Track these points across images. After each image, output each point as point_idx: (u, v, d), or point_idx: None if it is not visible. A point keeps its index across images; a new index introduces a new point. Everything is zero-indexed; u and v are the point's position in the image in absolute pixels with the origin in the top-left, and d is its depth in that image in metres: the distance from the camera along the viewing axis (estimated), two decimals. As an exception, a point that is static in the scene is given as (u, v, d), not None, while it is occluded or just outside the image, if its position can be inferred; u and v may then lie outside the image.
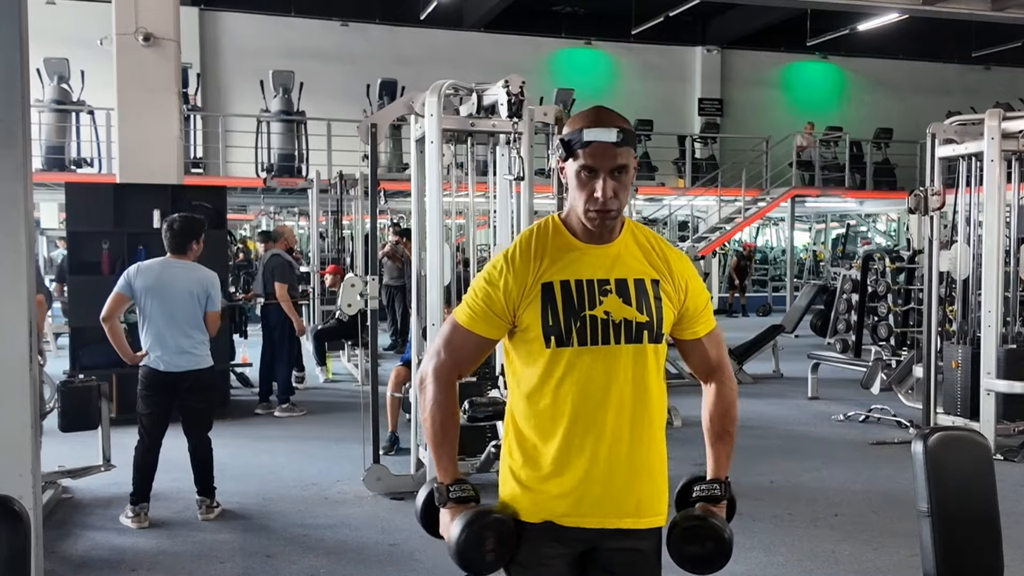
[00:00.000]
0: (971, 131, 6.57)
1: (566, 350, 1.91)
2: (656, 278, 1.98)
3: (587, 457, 1.93)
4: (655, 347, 1.97)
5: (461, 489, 1.98)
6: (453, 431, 2.00)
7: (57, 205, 16.22)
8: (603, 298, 1.92)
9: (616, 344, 1.92)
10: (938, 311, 6.63)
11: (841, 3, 15.26)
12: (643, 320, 1.93)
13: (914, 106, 21.21)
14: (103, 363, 7.02)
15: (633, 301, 1.94)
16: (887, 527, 4.80)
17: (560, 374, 1.92)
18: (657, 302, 1.96)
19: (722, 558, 2.01)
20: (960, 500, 2.23)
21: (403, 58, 18.60)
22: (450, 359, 2.00)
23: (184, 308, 4.77)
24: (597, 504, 1.94)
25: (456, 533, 1.92)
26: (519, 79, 4.95)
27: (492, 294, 1.95)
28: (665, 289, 1.98)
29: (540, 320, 1.91)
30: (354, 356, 10.08)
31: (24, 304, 2.91)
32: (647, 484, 1.99)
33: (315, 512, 5.06)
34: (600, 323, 1.91)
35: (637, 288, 1.95)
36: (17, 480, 2.90)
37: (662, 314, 1.96)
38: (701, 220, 19.66)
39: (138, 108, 7.82)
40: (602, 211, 1.90)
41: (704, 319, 2.08)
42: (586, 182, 1.90)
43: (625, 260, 1.97)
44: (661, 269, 2.00)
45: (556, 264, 1.94)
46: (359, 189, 11.04)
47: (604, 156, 1.88)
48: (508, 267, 1.95)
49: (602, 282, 1.93)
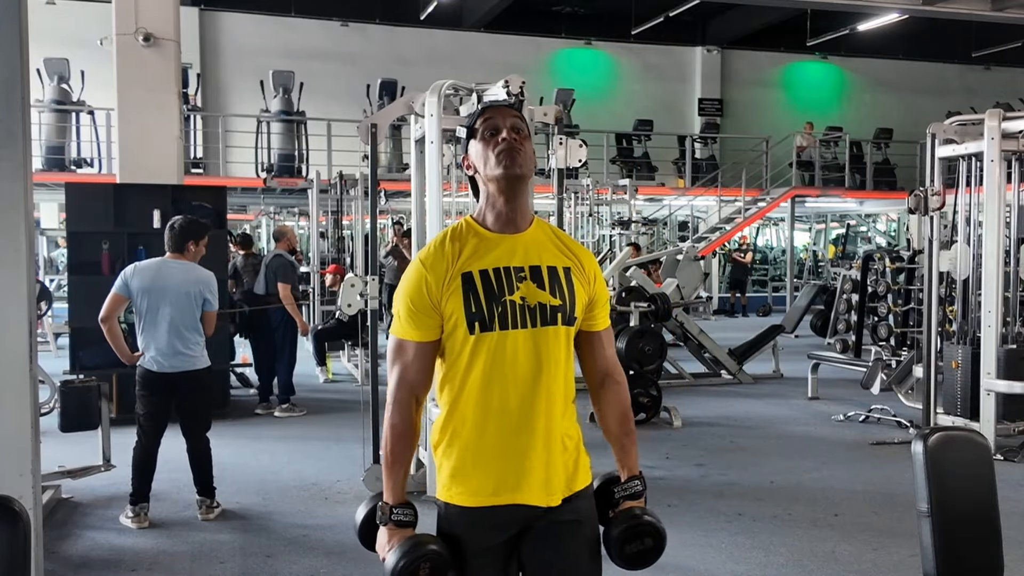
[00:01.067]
0: (971, 131, 6.57)
1: (487, 335, 1.99)
2: (568, 266, 2.09)
3: (508, 438, 2.00)
4: (567, 329, 2.07)
5: (403, 513, 2.05)
6: (404, 453, 2.08)
7: (57, 205, 16.23)
8: (519, 284, 2.02)
9: (533, 327, 2.01)
10: (938, 311, 6.63)
11: (841, 3, 15.26)
12: (556, 303, 2.04)
13: (914, 106, 21.22)
14: (103, 363, 7.03)
15: (547, 286, 2.04)
16: (887, 527, 4.80)
17: (483, 359, 1.99)
18: (570, 287, 2.06)
19: (659, 552, 2.13)
20: (960, 500, 2.23)
21: (403, 58, 18.61)
22: (399, 378, 2.06)
23: (180, 308, 4.77)
24: (519, 483, 2.00)
25: (393, 560, 1.99)
26: (519, 79, 4.95)
27: (414, 296, 2.02)
28: (577, 276, 2.09)
29: (463, 307, 1.99)
30: (354, 356, 10.08)
31: (24, 304, 2.91)
32: (569, 460, 2.07)
33: (315, 512, 5.06)
34: (518, 307, 2.01)
35: (550, 274, 2.05)
36: (17, 480, 2.90)
37: (575, 298, 2.07)
38: (701, 220, 19.66)
39: (138, 108, 7.82)
40: (509, 149, 2.01)
41: (604, 313, 2.18)
42: (490, 139, 2.04)
43: (537, 249, 2.08)
44: (572, 259, 2.11)
45: (474, 255, 2.03)
46: (359, 189, 11.04)
47: (500, 113, 2.06)
48: (423, 267, 2.03)
49: (518, 269, 2.03)
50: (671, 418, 7.34)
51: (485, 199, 2.09)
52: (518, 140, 2.03)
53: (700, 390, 9.11)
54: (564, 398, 2.07)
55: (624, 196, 14.44)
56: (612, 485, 2.17)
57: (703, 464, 6.17)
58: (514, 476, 2.00)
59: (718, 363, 9.63)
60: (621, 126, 18.38)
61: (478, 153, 2.06)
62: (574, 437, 2.10)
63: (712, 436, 7.02)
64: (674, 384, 9.16)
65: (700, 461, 6.23)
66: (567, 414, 2.09)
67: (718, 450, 6.58)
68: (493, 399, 2.00)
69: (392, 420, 2.06)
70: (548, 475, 2.02)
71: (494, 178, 2.03)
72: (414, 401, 2.06)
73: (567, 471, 2.06)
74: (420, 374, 2.05)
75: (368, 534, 2.13)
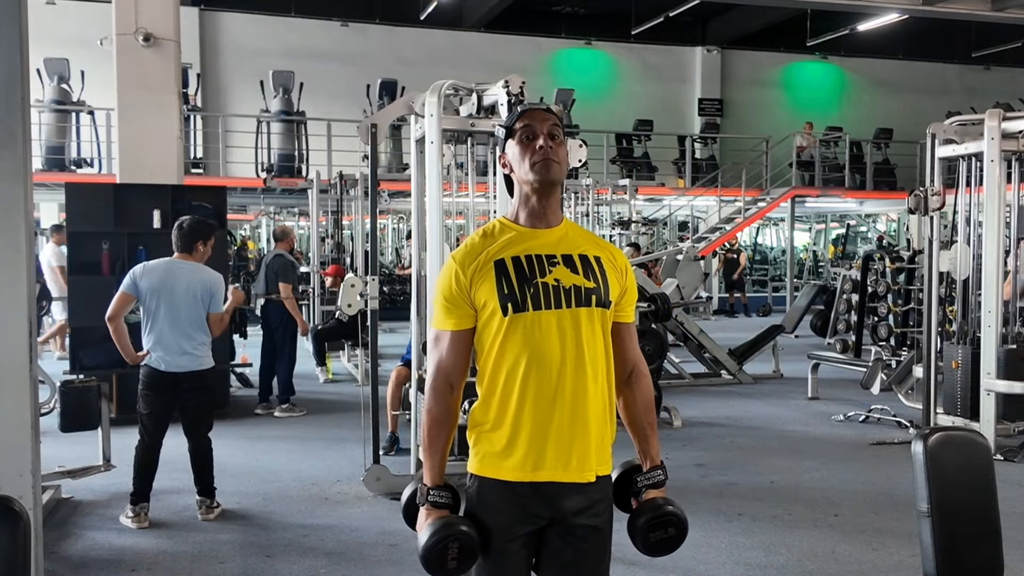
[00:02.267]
0: (971, 131, 6.57)
1: (521, 316, 2.07)
2: (599, 256, 2.17)
3: (546, 416, 2.07)
4: (603, 312, 2.12)
5: (439, 495, 2.14)
6: (440, 438, 2.16)
7: (57, 205, 16.22)
8: (552, 268, 2.10)
9: (568, 308, 2.08)
10: (938, 311, 6.63)
11: (841, 3, 15.25)
12: (591, 286, 2.10)
13: (914, 106, 21.21)
14: (103, 363, 7.03)
15: (580, 271, 2.11)
16: (887, 527, 4.80)
17: (518, 340, 2.07)
18: (603, 272, 2.14)
19: (681, 539, 2.19)
20: (960, 500, 2.23)
21: (403, 58, 18.60)
22: (435, 367, 2.16)
23: (188, 309, 4.78)
24: (549, 459, 2.07)
25: (424, 538, 2.09)
26: (519, 79, 4.96)
27: (446, 289, 2.13)
28: (609, 265, 2.17)
29: (496, 291, 2.07)
30: (354, 356, 10.08)
31: (24, 304, 2.91)
32: (595, 437, 2.12)
33: (315, 512, 5.06)
34: (552, 289, 2.08)
35: (583, 261, 2.13)
36: (17, 480, 2.90)
37: (608, 282, 2.13)
38: (701, 220, 19.66)
39: (138, 108, 7.82)
40: (544, 160, 2.09)
41: (633, 308, 2.25)
42: (527, 143, 2.12)
43: (569, 241, 2.16)
44: (605, 251, 2.21)
45: (507, 246, 2.13)
46: (359, 189, 11.03)
47: (537, 117, 2.14)
48: (455, 262, 2.14)
49: (550, 256, 2.12)
50: (671, 418, 7.34)
51: (519, 197, 2.18)
52: (554, 148, 2.11)
53: (700, 390, 9.11)
54: (602, 378, 2.13)
55: (624, 196, 14.43)
56: (634, 473, 2.24)
57: (703, 464, 6.17)
58: (553, 453, 2.07)
59: (718, 363, 9.63)
60: (621, 126, 18.37)
61: (515, 155, 2.14)
62: (608, 419, 2.16)
63: (712, 436, 7.02)
64: (674, 384, 9.16)
65: (700, 461, 6.23)
66: (605, 394, 2.14)
67: (718, 450, 6.58)
68: (530, 378, 2.06)
69: (428, 406, 2.16)
70: (584, 452, 2.09)
71: (529, 182, 2.12)
72: (449, 388, 2.15)
73: (600, 450, 2.13)
74: (454, 361, 2.14)
75: (410, 514, 2.23)
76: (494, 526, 2.08)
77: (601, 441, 2.13)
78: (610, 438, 2.16)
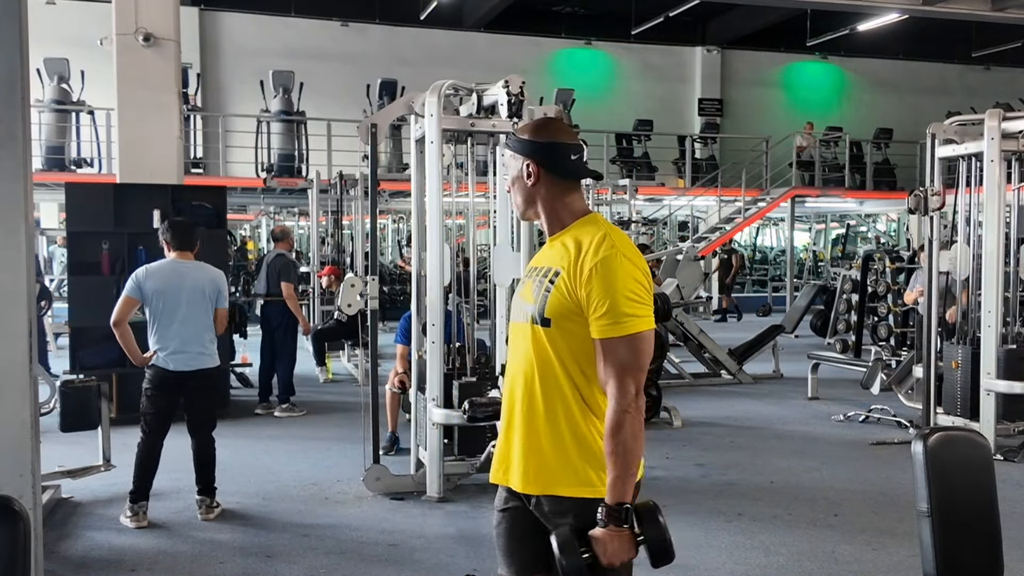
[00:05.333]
0: (971, 131, 6.57)
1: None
2: (558, 268, 2.14)
3: (504, 420, 2.25)
4: (541, 329, 2.13)
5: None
6: None
7: (57, 205, 16.22)
8: (528, 281, 2.24)
9: (519, 322, 2.23)
10: (938, 311, 6.63)
11: (841, 3, 15.25)
12: (530, 303, 2.18)
13: (914, 106, 21.20)
14: (103, 363, 7.04)
15: (534, 286, 2.19)
16: (887, 527, 4.80)
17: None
18: (546, 290, 2.14)
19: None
20: (960, 500, 2.23)
21: (403, 58, 18.60)
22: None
23: (195, 308, 4.80)
24: (499, 462, 2.25)
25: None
26: (519, 79, 4.96)
27: None
28: (563, 278, 2.11)
29: None
30: (354, 356, 10.08)
31: (24, 304, 2.91)
32: (532, 454, 2.15)
33: (315, 512, 5.06)
34: (519, 303, 2.25)
35: (543, 275, 2.18)
36: (17, 480, 2.90)
37: (546, 300, 2.13)
38: (701, 220, 19.65)
39: (138, 108, 7.82)
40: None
41: (603, 323, 2.04)
42: None
43: (551, 251, 2.21)
44: (571, 260, 2.11)
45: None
46: (359, 189, 11.03)
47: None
48: None
49: (533, 269, 2.25)
50: (671, 418, 7.34)
51: None
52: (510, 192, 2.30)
53: (700, 390, 9.11)
54: (544, 398, 2.14)
55: (624, 196, 14.44)
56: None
57: (703, 464, 6.17)
58: (498, 457, 2.25)
59: (718, 363, 9.63)
60: (621, 126, 18.36)
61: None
62: (569, 439, 2.10)
63: (712, 436, 7.02)
64: (674, 384, 9.16)
65: (700, 461, 6.23)
66: (558, 412, 2.12)
67: (718, 450, 6.58)
68: (505, 382, 2.30)
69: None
70: (523, 464, 2.15)
71: None
72: None
73: (547, 467, 2.13)
74: None
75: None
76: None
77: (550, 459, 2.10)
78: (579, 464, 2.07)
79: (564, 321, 2.10)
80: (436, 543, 4.48)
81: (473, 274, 6.30)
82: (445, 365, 5.12)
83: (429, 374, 5.09)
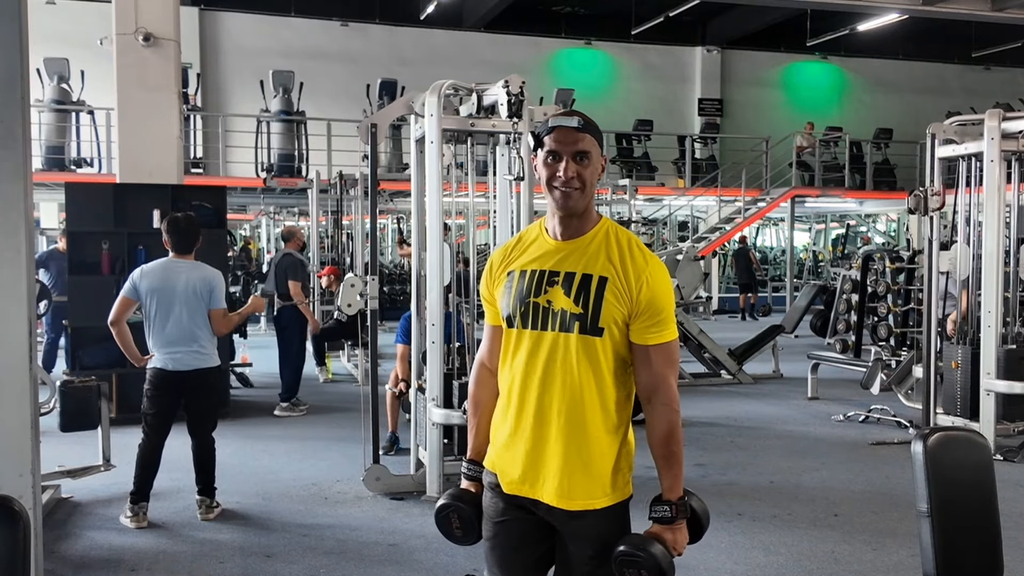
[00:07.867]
0: (971, 131, 6.57)
1: (512, 331, 2.18)
2: (605, 275, 2.09)
3: (521, 432, 2.16)
4: (589, 338, 2.09)
5: (468, 468, 2.34)
6: (474, 416, 2.35)
7: (57, 205, 16.22)
8: (549, 288, 2.13)
9: (549, 331, 2.12)
10: (938, 311, 6.63)
11: (841, 3, 15.26)
12: (577, 312, 2.09)
13: (914, 106, 21.22)
14: (103, 363, 7.03)
15: (572, 293, 2.10)
16: (887, 527, 4.80)
17: (511, 352, 2.18)
18: (598, 297, 2.08)
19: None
20: (960, 500, 2.23)
21: (403, 58, 18.61)
22: (478, 353, 2.37)
23: (190, 307, 4.78)
24: (523, 476, 2.16)
25: (436, 507, 2.32)
26: (519, 79, 4.96)
27: (481, 287, 2.31)
28: (613, 287, 2.08)
29: (501, 302, 2.21)
30: (354, 356, 10.08)
31: (24, 304, 2.91)
32: (577, 470, 2.11)
33: (315, 512, 5.06)
34: (541, 310, 2.13)
35: (581, 282, 2.10)
36: (17, 480, 2.90)
37: (600, 308, 2.08)
38: (701, 220, 19.65)
39: (138, 108, 7.82)
40: (563, 189, 2.09)
41: (656, 328, 2.11)
42: (552, 165, 2.11)
43: (583, 255, 2.13)
44: (616, 267, 2.10)
45: (525, 256, 2.20)
46: (359, 189, 11.03)
47: (566, 140, 2.09)
48: (489, 261, 2.31)
49: (553, 274, 2.13)
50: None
51: (549, 206, 2.19)
52: (578, 174, 2.08)
53: (700, 390, 9.11)
54: (586, 405, 2.10)
55: (624, 196, 14.43)
56: (654, 504, 2.16)
57: (703, 464, 6.16)
58: (519, 470, 2.16)
59: (718, 363, 9.63)
60: (621, 126, 18.37)
61: (540, 171, 2.14)
62: (604, 452, 2.12)
63: (712, 436, 7.02)
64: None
65: (700, 461, 6.23)
66: (585, 426, 2.10)
67: (718, 450, 6.58)
68: (513, 391, 2.17)
69: (469, 389, 2.39)
70: (561, 479, 2.11)
71: (549, 193, 2.13)
72: (486, 372, 2.32)
73: (591, 481, 2.11)
74: (487, 351, 2.32)
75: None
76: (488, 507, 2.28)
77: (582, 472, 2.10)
78: (599, 472, 2.11)
79: (612, 329, 2.09)
80: (436, 543, 4.48)
81: (473, 274, 6.30)
82: (445, 365, 5.13)
83: (429, 374, 5.09)
